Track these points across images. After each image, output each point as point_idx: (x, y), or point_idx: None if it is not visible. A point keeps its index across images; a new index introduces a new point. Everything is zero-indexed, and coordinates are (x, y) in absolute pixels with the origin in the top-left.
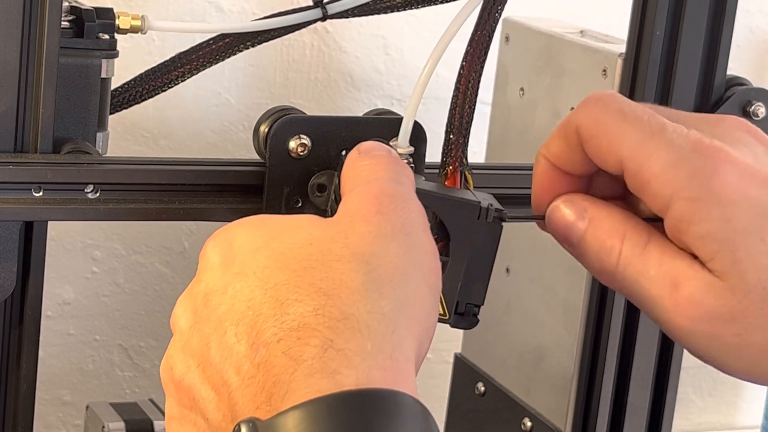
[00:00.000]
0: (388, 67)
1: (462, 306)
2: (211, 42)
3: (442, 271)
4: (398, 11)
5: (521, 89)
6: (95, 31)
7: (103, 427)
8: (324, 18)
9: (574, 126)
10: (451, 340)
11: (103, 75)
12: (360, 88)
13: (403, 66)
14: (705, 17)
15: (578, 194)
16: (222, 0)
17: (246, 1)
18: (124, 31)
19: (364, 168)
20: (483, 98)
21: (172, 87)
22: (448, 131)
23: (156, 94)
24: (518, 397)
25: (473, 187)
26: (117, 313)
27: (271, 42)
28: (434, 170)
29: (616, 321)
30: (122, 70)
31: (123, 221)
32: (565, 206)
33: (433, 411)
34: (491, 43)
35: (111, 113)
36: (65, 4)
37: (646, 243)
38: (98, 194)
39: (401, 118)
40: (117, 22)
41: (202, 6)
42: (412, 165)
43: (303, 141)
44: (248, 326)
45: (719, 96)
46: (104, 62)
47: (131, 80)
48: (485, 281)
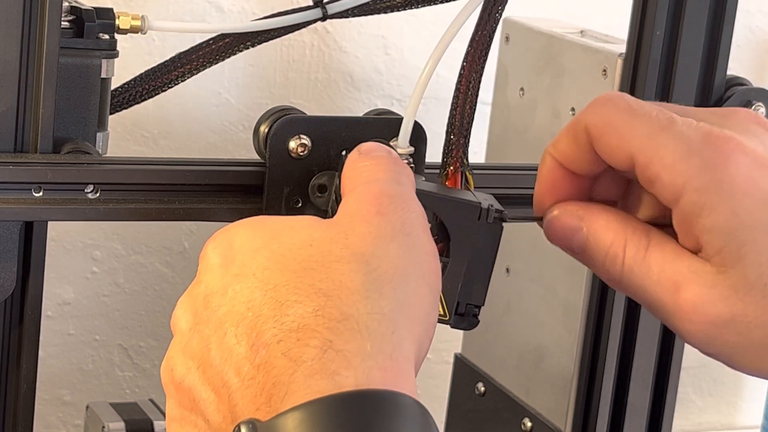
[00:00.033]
0: (388, 67)
1: (462, 307)
2: (211, 42)
3: (443, 272)
4: (398, 11)
5: (521, 89)
6: (95, 31)
7: (103, 427)
8: (324, 18)
9: (584, 125)
10: (451, 341)
11: (103, 75)
12: (360, 88)
13: (403, 66)
14: (705, 17)
15: (573, 202)
16: (222, 0)
17: (246, 1)
18: (124, 31)
19: (365, 169)
20: (483, 98)
21: (172, 87)
22: (449, 131)
23: (156, 94)
24: (518, 397)
25: (474, 188)
26: (117, 313)
27: (271, 42)
28: (434, 170)
29: (616, 321)
30: (122, 70)
31: (123, 221)
32: (562, 216)
33: (433, 411)
34: (492, 44)
35: (111, 113)
36: (65, 4)
37: (647, 247)
38: (98, 194)
39: (401, 118)
40: (117, 22)
41: (202, 6)
42: (412, 165)
43: (303, 141)
44: (248, 327)
45: (719, 96)
46: (104, 62)
47: (131, 80)
48: (486, 282)
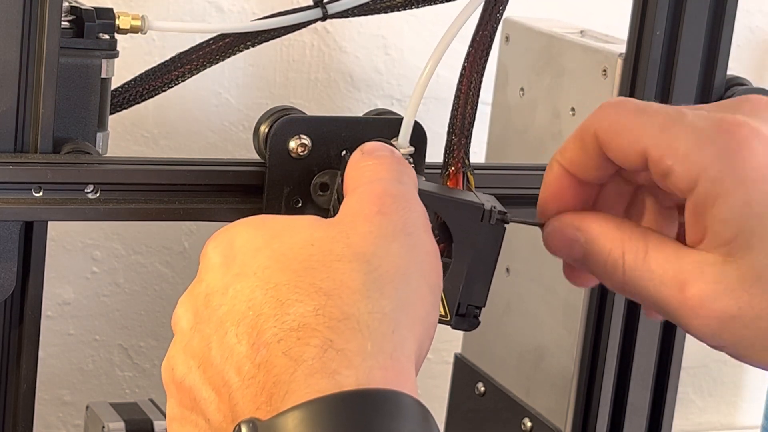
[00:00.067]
0: (388, 67)
1: (463, 307)
2: (211, 42)
3: (444, 273)
4: (398, 11)
5: (521, 89)
6: (95, 31)
7: (103, 427)
8: (324, 18)
9: (592, 131)
10: (451, 341)
11: (103, 75)
12: (360, 88)
13: (403, 66)
14: (705, 17)
15: (570, 213)
16: (222, 0)
17: (246, 1)
18: (124, 31)
19: (367, 168)
20: (483, 98)
21: (172, 87)
22: (450, 132)
23: (156, 94)
24: (518, 397)
25: (474, 188)
26: (117, 313)
27: (271, 42)
28: (435, 171)
29: (616, 321)
30: (122, 70)
31: (123, 221)
32: (560, 227)
33: (433, 411)
34: (493, 44)
35: (111, 113)
36: (65, 4)
37: (646, 250)
38: (98, 194)
39: (401, 118)
40: (117, 22)
41: (202, 6)
42: (413, 165)
43: (303, 141)
44: (249, 326)
45: (719, 96)
46: (104, 62)
47: (131, 80)
48: (487, 283)
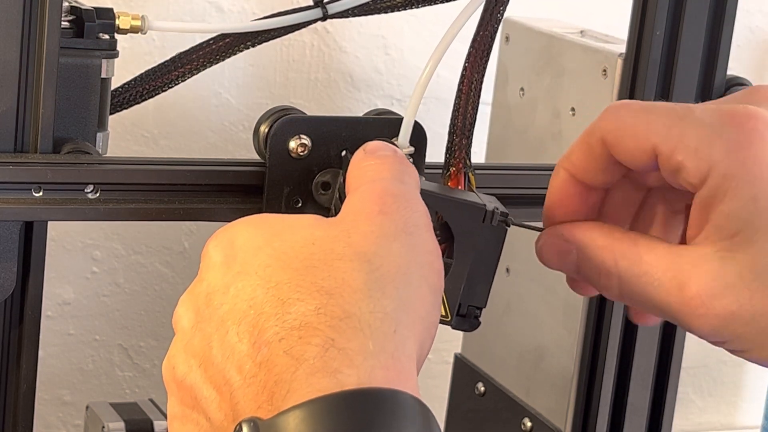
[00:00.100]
0: (388, 67)
1: (464, 308)
2: (211, 42)
3: (446, 273)
4: (398, 11)
5: (521, 89)
6: (95, 31)
7: (103, 427)
8: (324, 18)
9: (598, 134)
10: (451, 341)
11: (103, 75)
12: (360, 88)
13: (403, 66)
14: (705, 17)
15: (561, 225)
16: (222, 0)
17: (246, 1)
18: (124, 31)
19: (369, 168)
20: (483, 98)
21: (172, 87)
22: (451, 132)
23: (156, 94)
24: (518, 397)
25: (475, 188)
26: (117, 313)
27: (271, 42)
28: (435, 171)
29: (616, 321)
30: (122, 70)
31: (123, 221)
32: (551, 240)
33: (433, 411)
34: (493, 44)
35: (111, 113)
36: (65, 4)
37: (640, 254)
38: (98, 194)
39: (401, 118)
40: (117, 22)
41: (202, 6)
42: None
43: (303, 141)
44: (250, 325)
45: (719, 96)
46: (104, 62)
47: (131, 80)
48: (488, 284)
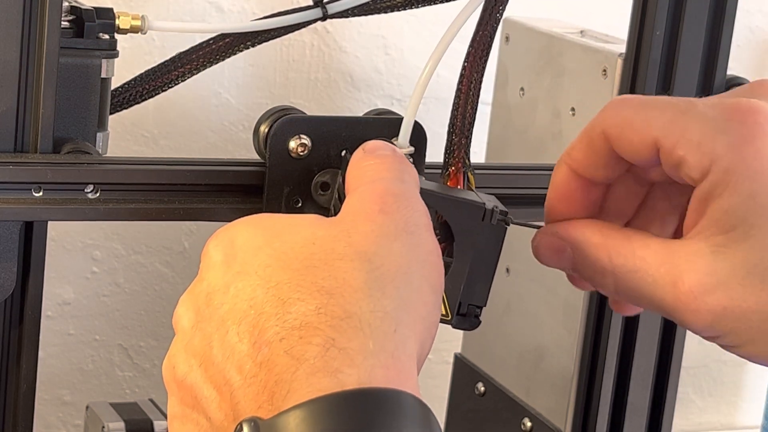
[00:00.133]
0: (388, 67)
1: (464, 307)
2: (211, 42)
3: (446, 272)
4: (398, 11)
5: (521, 89)
6: (95, 31)
7: (103, 427)
8: (324, 18)
9: (600, 130)
10: (451, 341)
11: (103, 75)
12: (360, 88)
13: (403, 66)
14: (705, 17)
15: (555, 224)
16: (222, 0)
17: (246, 1)
18: (124, 31)
19: (369, 167)
20: (483, 98)
21: (172, 87)
22: (451, 132)
23: (156, 94)
24: (518, 397)
25: (475, 188)
26: (117, 313)
27: (271, 42)
28: (434, 170)
29: (616, 321)
30: (122, 70)
31: (123, 221)
32: (546, 239)
33: (433, 411)
34: (493, 44)
35: (111, 113)
36: (65, 4)
37: (633, 250)
38: (98, 194)
39: (401, 118)
40: (117, 22)
41: (202, 6)
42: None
43: (303, 141)
44: (250, 325)
45: None
46: (104, 62)
47: (131, 80)
48: (488, 283)
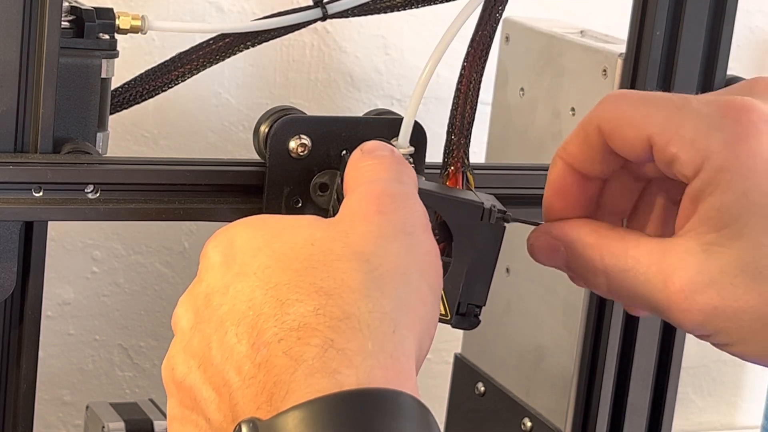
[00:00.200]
0: (388, 67)
1: (464, 306)
2: (211, 42)
3: (445, 272)
4: (398, 11)
5: (521, 89)
6: (95, 31)
7: (103, 427)
8: (324, 18)
9: (595, 124)
10: (451, 341)
11: (103, 75)
12: (360, 88)
13: (403, 66)
14: (705, 17)
15: (550, 223)
16: (222, 0)
17: (246, 1)
18: (124, 31)
19: (367, 168)
20: (483, 98)
21: (172, 87)
22: (450, 132)
23: (156, 94)
24: (518, 397)
25: (474, 188)
26: (117, 313)
27: (271, 42)
28: (435, 171)
29: (616, 321)
30: (122, 70)
31: (123, 221)
32: (540, 238)
33: (433, 411)
34: (492, 44)
35: (111, 113)
36: (65, 4)
37: (626, 251)
38: (98, 194)
39: (401, 118)
40: (117, 22)
41: (202, 6)
42: (413, 165)
43: (303, 141)
44: (249, 326)
45: None
46: (104, 62)
47: (131, 80)
48: (487, 282)
